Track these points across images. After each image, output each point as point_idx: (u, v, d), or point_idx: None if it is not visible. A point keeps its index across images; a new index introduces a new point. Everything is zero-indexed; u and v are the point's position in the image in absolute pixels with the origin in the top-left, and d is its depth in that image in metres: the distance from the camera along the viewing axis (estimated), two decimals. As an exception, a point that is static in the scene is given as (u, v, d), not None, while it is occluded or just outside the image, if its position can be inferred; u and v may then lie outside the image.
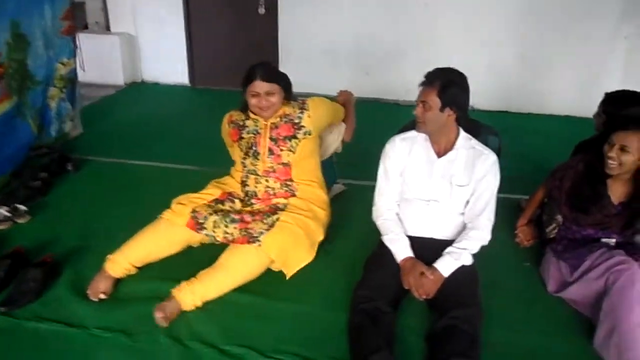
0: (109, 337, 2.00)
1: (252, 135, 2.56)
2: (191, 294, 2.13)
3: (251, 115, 2.58)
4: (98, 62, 5.47)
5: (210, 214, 2.37)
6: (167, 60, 5.58)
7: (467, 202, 2.26)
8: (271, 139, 2.53)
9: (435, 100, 2.16)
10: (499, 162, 2.28)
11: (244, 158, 2.57)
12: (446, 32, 4.99)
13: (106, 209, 2.98)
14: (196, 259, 2.35)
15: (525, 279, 2.48)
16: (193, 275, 2.20)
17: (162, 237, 2.36)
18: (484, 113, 4.80)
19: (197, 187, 2.59)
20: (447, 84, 2.16)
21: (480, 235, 2.21)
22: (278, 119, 2.53)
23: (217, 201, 2.51)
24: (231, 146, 2.69)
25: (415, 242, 2.27)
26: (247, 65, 2.50)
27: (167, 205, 2.47)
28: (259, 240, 2.26)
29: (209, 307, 2.16)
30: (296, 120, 2.54)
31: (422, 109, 2.18)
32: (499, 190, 2.26)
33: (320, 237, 2.53)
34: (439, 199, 2.27)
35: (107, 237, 2.61)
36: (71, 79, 3.91)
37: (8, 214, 2.78)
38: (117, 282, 2.29)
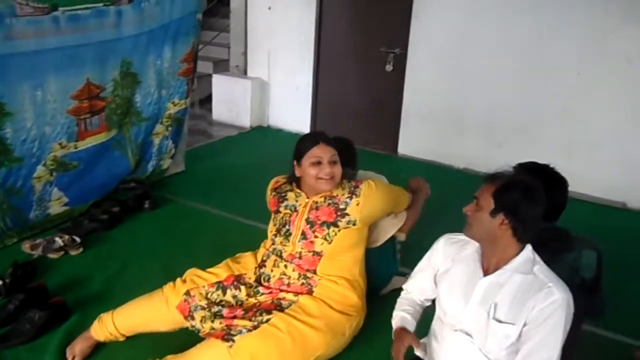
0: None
1: (288, 212, 2.27)
2: None
3: (295, 188, 2.29)
4: (230, 104, 5.76)
5: (203, 308, 2.10)
6: (293, 108, 5.59)
7: (515, 351, 1.65)
8: (307, 221, 2.20)
9: (488, 201, 1.65)
10: (596, 288, 1.72)
11: (275, 235, 2.28)
12: (598, 106, 4.15)
13: (154, 256, 2.93)
14: (182, 340, 2.09)
15: None
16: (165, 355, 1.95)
17: (154, 313, 2.16)
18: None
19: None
20: (509, 186, 1.63)
21: None
22: (322, 199, 2.22)
23: (220, 285, 2.21)
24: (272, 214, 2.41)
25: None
26: (368, 122, 2.24)
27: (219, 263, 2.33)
28: (233, 340, 1.91)
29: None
30: (341, 206, 2.20)
31: (474, 207, 1.70)
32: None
33: (320, 351, 2.04)
34: (472, 332, 1.70)
35: (132, 287, 2.53)
36: (178, 119, 4.04)
37: (62, 244, 2.85)
38: (100, 344, 2.15)
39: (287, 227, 2.24)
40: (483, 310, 1.67)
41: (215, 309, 2.08)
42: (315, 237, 2.18)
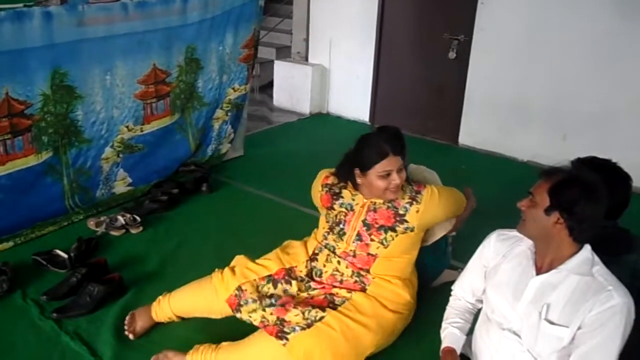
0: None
1: (344, 210, 2.19)
2: None
3: (350, 187, 2.20)
4: (290, 90, 5.79)
5: (254, 300, 2.08)
6: (352, 95, 5.55)
7: (567, 355, 1.56)
8: (364, 222, 2.14)
9: (543, 197, 1.57)
10: None
11: (327, 232, 2.23)
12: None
13: (208, 238, 3.00)
14: (238, 324, 2.12)
15: None
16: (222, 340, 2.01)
17: (205, 303, 2.17)
18: None
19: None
20: (566, 184, 1.54)
21: None
22: (380, 201, 2.14)
23: (271, 279, 2.17)
24: (321, 209, 2.36)
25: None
26: (428, 110, 2.13)
27: (271, 248, 2.34)
28: (287, 339, 1.91)
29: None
30: (401, 211, 2.12)
31: (528, 202, 1.62)
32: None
33: (370, 350, 2.02)
34: (521, 333, 1.63)
35: (185, 268, 2.63)
36: (238, 104, 4.11)
37: (124, 222, 2.98)
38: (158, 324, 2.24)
39: (341, 225, 2.18)
40: (534, 310, 1.60)
41: (267, 301, 2.06)
42: (372, 240, 2.13)
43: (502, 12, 4.40)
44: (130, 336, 2.15)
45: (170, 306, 2.20)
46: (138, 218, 3.04)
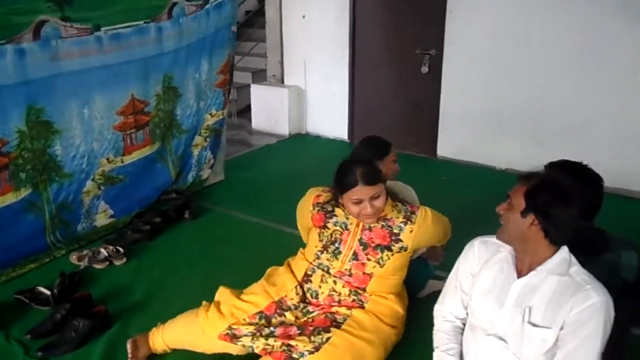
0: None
1: (339, 229, 2.18)
2: None
3: (342, 206, 2.19)
4: (268, 113, 5.85)
5: (253, 333, 2.05)
6: (330, 114, 5.61)
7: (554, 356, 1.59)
8: (360, 241, 2.15)
9: (519, 201, 1.61)
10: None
11: (321, 251, 2.21)
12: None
13: (193, 265, 2.99)
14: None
15: None
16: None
17: (193, 338, 2.14)
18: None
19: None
20: (541, 187, 1.59)
21: None
22: (375, 221, 2.15)
23: (263, 315, 2.12)
24: (308, 229, 2.34)
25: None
26: (405, 125, 2.17)
27: (259, 274, 2.32)
28: None
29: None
30: (395, 230, 2.14)
31: (506, 206, 1.67)
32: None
33: None
34: (507, 337, 1.65)
35: (172, 296, 2.63)
36: (216, 130, 4.13)
37: (107, 255, 2.96)
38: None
39: (336, 245, 2.16)
40: (518, 314, 1.62)
41: (266, 331, 2.04)
42: (368, 259, 2.13)
43: (470, 25, 4.52)
44: None
45: (163, 339, 2.18)
46: (121, 249, 3.02)
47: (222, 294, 2.24)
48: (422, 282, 2.63)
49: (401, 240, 2.14)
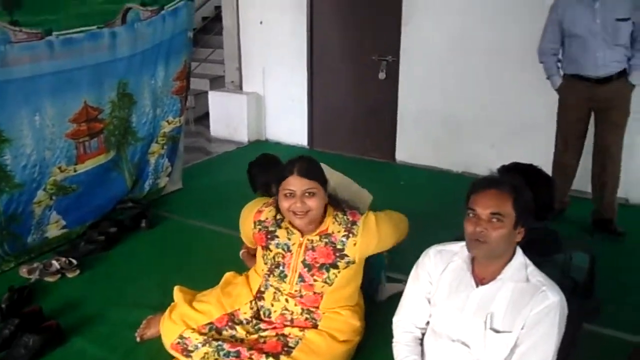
0: None
1: (280, 251, 2.11)
2: None
3: (287, 222, 2.11)
4: (227, 120, 5.79)
5: (202, 344, 2.02)
6: (289, 121, 5.61)
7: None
8: (304, 263, 2.07)
9: (510, 214, 1.57)
10: (590, 292, 1.69)
11: (268, 274, 2.16)
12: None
13: (150, 275, 2.92)
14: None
15: None
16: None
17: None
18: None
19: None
20: (520, 192, 1.60)
21: None
22: (317, 237, 2.07)
23: (213, 327, 2.10)
24: (253, 245, 2.32)
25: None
26: (364, 130, 2.13)
27: (217, 282, 2.34)
28: None
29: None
30: (339, 246, 2.06)
31: (489, 225, 1.57)
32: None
33: None
34: (470, 343, 1.67)
35: (129, 307, 2.57)
36: (174, 137, 4.06)
37: (59, 267, 2.85)
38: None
39: (281, 268, 2.10)
40: (479, 321, 1.64)
41: (215, 343, 2.01)
42: (315, 280, 2.07)
43: (425, 31, 4.60)
44: (137, 338, 2.21)
45: None
46: (74, 261, 2.92)
47: (177, 296, 2.24)
48: (377, 275, 2.58)
49: (347, 255, 2.07)
